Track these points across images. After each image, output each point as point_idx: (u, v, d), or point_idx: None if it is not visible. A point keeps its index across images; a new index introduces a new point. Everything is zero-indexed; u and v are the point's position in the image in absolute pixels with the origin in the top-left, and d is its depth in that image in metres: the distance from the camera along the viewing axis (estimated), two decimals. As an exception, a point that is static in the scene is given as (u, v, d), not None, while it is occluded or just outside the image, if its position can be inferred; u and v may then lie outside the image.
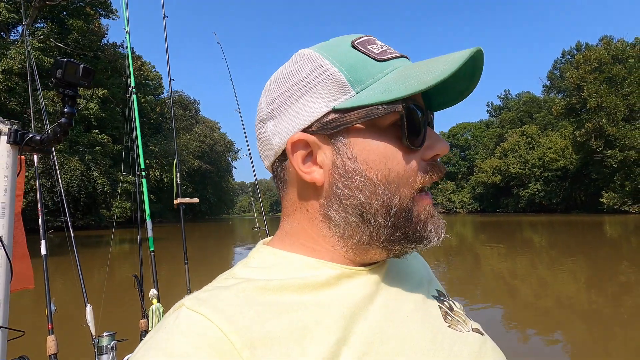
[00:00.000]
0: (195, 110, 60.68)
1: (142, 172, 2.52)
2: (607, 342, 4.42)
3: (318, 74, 0.46)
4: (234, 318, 0.37)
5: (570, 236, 17.73)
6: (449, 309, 0.53)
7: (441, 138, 0.48)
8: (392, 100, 0.43)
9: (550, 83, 50.12)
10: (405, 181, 0.45)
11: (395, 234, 0.46)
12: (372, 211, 0.45)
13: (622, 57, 35.98)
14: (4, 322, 0.94)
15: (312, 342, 0.38)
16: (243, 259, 0.51)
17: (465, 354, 0.46)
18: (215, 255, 13.36)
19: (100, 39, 33.56)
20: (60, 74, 1.02)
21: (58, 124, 1.04)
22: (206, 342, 0.35)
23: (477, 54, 0.44)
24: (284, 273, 0.46)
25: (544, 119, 49.31)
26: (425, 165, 0.47)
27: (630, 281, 7.45)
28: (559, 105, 42.53)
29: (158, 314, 2.03)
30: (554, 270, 8.98)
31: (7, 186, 0.95)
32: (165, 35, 3.07)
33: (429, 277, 0.60)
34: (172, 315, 0.39)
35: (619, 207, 35.49)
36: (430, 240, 0.47)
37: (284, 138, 0.47)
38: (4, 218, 0.95)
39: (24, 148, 1.01)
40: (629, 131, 33.82)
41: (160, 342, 0.36)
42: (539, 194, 45.68)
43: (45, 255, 1.83)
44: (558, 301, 6.35)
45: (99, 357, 1.73)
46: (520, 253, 12.57)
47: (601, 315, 5.40)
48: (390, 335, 0.43)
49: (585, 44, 42.43)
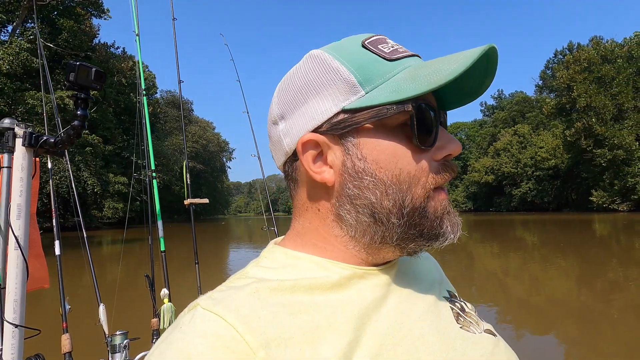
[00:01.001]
0: (189, 110, 60.44)
1: (153, 172, 2.58)
2: (597, 340, 4.49)
3: (328, 75, 0.46)
4: (248, 318, 0.38)
5: (561, 235, 17.98)
6: (460, 310, 0.53)
7: (453, 138, 0.47)
8: (402, 100, 0.43)
9: (542, 83, 50.74)
10: (416, 181, 0.45)
11: (409, 232, 0.45)
12: (384, 211, 0.45)
13: (611, 58, 36.54)
14: (21, 321, 0.96)
15: (325, 342, 0.38)
16: (254, 258, 0.51)
17: (477, 355, 0.46)
18: (216, 255, 13.32)
19: (92, 39, 33.21)
20: (73, 77, 1.04)
21: (71, 126, 1.06)
22: (221, 342, 0.36)
23: (490, 51, 0.43)
24: (296, 273, 0.46)
25: (536, 118, 49.91)
26: (437, 165, 0.46)
27: (618, 279, 7.59)
28: (549, 105, 43.07)
29: (169, 313, 2.06)
30: (545, 269, 9.12)
31: (22, 188, 0.97)
32: (175, 38, 3.08)
33: (440, 278, 0.60)
34: (188, 315, 0.40)
35: (608, 205, 36.06)
36: (447, 238, 0.46)
37: (295, 138, 0.47)
38: (20, 219, 0.97)
39: (38, 150, 1.03)
40: (617, 130, 34.36)
41: (176, 342, 0.36)
42: (530, 192, 46.20)
43: (59, 256, 1.84)
44: (550, 299, 6.45)
45: (112, 355, 1.75)
46: (512, 251, 12.72)
47: (592, 313, 5.49)
48: (402, 336, 0.43)
49: (577, 44, 42.99)
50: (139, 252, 12.27)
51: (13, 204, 0.95)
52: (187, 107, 59.48)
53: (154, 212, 2.40)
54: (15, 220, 0.95)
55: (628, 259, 10.09)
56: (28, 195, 0.98)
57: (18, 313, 0.95)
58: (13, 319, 0.93)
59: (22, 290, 0.96)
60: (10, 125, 0.99)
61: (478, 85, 0.48)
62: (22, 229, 0.96)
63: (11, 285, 0.94)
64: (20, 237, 0.95)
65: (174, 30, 3.06)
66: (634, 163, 33.97)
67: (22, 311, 0.96)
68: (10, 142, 0.98)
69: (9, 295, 0.93)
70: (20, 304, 0.95)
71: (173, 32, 3.06)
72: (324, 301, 0.42)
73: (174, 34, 3.07)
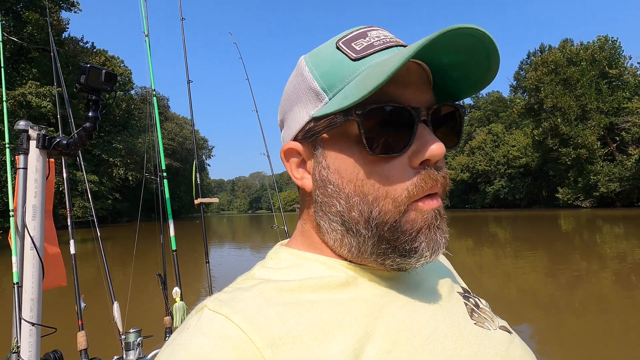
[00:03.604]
0: (165, 107, 58.91)
1: (164, 172, 2.62)
2: (561, 331, 4.66)
3: (302, 84, 0.46)
4: (255, 318, 0.38)
5: (531, 230, 18.76)
6: (475, 306, 0.52)
7: (434, 138, 0.41)
8: (347, 107, 0.40)
9: (517, 83, 52.48)
10: (384, 194, 0.41)
11: (381, 246, 0.43)
12: (352, 221, 0.43)
13: (576, 60, 38.30)
14: (38, 320, 0.98)
15: (334, 340, 0.38)
16: (261, 260, 0.51)
17: (492, 352, 0.44)
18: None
19: (60, 32, 31.82)
20: (83, 79, 1.06)
21: (83, 128, 1.08)
22: (228, 342, 0.36)
23: (473, 33, 0.37)
24: (302, 273, 0.46)
25: (509, 117, 51.60)
26: (414, 173, 0.42)
27: (581, 273, 8.04)
28: (519, 105, 44.74)
29: (181, 311, 2.07)
30: (516, 263, 9.53)
31: (37, 189, 0.99)
32: (183, 38, 3.04)
33: (452, 275, 0.60)
34: (195, 316, 0.40)
35: (573, 202, 37.83)
36: (421, 256, 0.42)
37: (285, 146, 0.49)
38: (35, 220, 0.98)
39: (52, 152, 1.04)
40: (581, 130, 36.06)
41: (184, 343, 0.37)
42: (503, 190, 47.79)
43: (74, 254, 1.82)
44: (521, 292, 6.76)
45: (127, 352, 1.76)
46: (486, 246, 13.20)
47: (557, 305, 5.78)
48: (415, 332, 0.41)
49: (548, 46, 44.66)
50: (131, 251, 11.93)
51: (28, 204, 0.97)
52: (163, 103, 57.98)
53: (165, 211, 2.40)
54: (30, 221, 0.96)
55: (589, 253, 10.69)
56: (43, 196, 1.00)
57: (35, 311, 0.96)
58: (30, 318, 0.94)
59: (38, 289, 0.98)
60: (25, 127, 1.00)
61: (484, 71, 0.43)
62: (38, 230, 0.98)
63: (27, 284, 0.95)
64: (35, 238, 0.97)
65: (182, 30, 3.02)
66: (596, 162, 35.81)
67: (39, 310, 0.98)
68: (25, 144, 0.99)
69: (26, 294, 0.95)
70: (36, 302, 0.97)
71: (182, 32, 3.02)
72: (332, 300, 0.42)
73: (182, 33, 3.04)
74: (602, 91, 36.75)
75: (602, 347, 4.06)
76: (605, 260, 9.13)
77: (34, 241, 0.96)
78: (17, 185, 1.05)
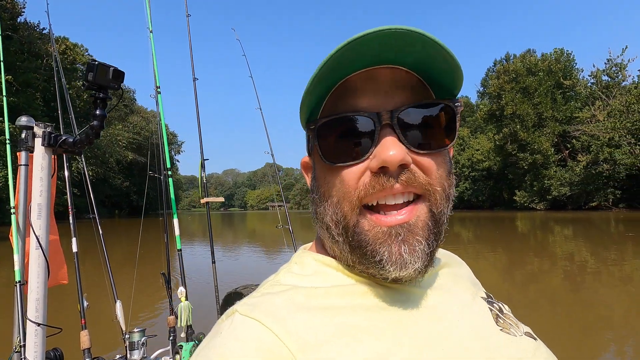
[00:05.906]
0: (131, 100, 56.31)
1: (169, 171, 2.63)
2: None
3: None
4: (286, 322, 0.38)
5: (491, 231, 19.70)
6: (499, 311, 0.51)
7: (393, 145, 0.40)
8: (305, 123, 0.45)
9: (484, 89, 54.61)
10: (343, 195, 0.43)
11: (356, 253, 0.44)
12: (331, 226, 0.45)
13: (535, 70, 40.61)
14: (43, 320, 0.96)
15: (362, 345, 0.38)
16: (285, 264, 0.53)
17: (518, 359, 0.44)
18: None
19: (15, 17, 29.64)
20: (91, 77, 1.05)
21: (90, 126, 1.07)
22: (261, 346, 0.36)
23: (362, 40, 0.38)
24: (328, 281, 0.46)
25: (475, 122, 53.70)
26: (369, 178, 0.42)
27: (534, 270, 8.61)
28: (483, 110, 46.78)
29: (186, 311, 2.03)
30: (479, 262, 10.01)
31: (42, 188, 0.97)
32: (189, 35, 2.95)
33: (473, 279, 0.61)
34: (227, 321, 0.40)
35: (529, 204, 40.09)
36: (383, 267, 0.42)
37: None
38: (40, 219, 0.96)
39: (57, 150, 1.02)
40: (537, 137, 38.32)
41: (218, 347, 0.37)
42: (467, 192, 49.74)
43: (76, 253, 1.74)
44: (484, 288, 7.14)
45: (131, 352, 1.72)
46: (451, 247, 13.71)
47: (512, 301, 6.17)
48: (441, 339, 0.42)
49: (513, 55, 46.91)
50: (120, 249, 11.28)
51: (33, 203, 0.94)
52: (129, 96, 55.46)
53: (170, 208, 2.35)
54: (35, 220, 0.94)
55: (542, 252, 11.44)
56: (48, 194, 0.97)
57: (40, 311, 0.94)
58: (35, 318, 0.92)
59: (44, 289, 0.96)
60: (29, 124, 0.97)
61: (441, 61, 0.42)
62: (43, 229, 0.95)
63: (33, 284, 0.93)
64: (40, 237, 0.95)
65: (188, 27, 2.94)
66: (550, 167, 38.19)
67: (44, 310, 0.95)
68: (29, 141, 0.96)
69: (31, 294, 0.93)
70: (42, 302, 0.95)
71: (187, 29, 2.93)
72: (359, 305, 0.43)
73: (188, 30, 2.95)
74: (557, 100, 39.24)
75: (551, 338, 4.40)
76: (555, 259, 9.81)
77: (40, 240, 0.94)
78: (18, 182, 1.02)
